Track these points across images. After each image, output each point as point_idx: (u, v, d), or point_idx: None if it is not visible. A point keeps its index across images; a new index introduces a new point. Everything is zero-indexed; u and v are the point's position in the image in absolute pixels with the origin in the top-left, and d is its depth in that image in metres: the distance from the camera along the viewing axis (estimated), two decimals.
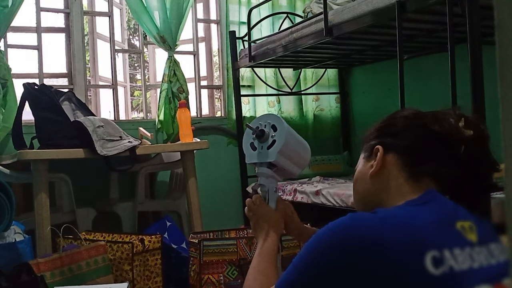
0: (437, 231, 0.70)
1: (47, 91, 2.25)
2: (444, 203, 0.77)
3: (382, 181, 0.85)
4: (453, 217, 0.74)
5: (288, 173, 1.18)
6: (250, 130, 1.15)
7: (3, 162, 2.28)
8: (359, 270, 0.67)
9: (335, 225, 0.73)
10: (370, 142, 0.91)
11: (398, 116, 0.89)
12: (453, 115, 0.84)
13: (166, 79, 3.01)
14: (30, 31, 2.83)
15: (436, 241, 0.68)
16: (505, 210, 0.35)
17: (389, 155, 0.85)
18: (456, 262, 0.67)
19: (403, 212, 0.75)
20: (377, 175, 0.86)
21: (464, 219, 0.74)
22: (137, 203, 2.62)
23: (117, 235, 2.17)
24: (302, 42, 2.57)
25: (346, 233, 0.71)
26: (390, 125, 0.89)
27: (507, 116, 0.34)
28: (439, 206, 0.76)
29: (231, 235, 2.07)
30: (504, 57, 0.34)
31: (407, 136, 0.85)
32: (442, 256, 0.66)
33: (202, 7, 3.50)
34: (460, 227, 0.72)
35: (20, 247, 1.85)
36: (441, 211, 0.74)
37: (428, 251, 0.66)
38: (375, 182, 0.86)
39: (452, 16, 1.72)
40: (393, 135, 0.87)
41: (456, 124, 0.81)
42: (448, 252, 0.67)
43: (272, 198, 1.15)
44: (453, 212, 0.75)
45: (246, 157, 1.17)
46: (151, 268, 2.04)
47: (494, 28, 0.35)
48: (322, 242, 0.73)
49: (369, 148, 0.90)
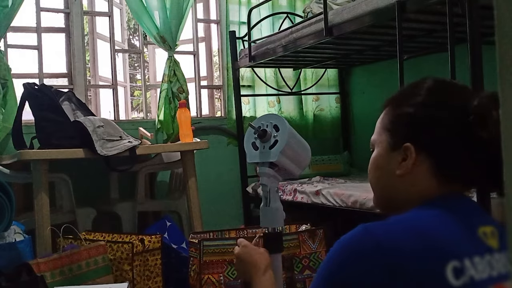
0: (458, 238, 0.68)
1: (47, 91, 2.25)
2: (467, 207, 0.74)
3: (411, 181, 0.78)
4: (475, 222, 0.71)
5: (289, 173, 1.18)
6: (252, 130, 1.15)
7: (3, 162, 2.28)
8: (379, 284, 0.64)
9: (349, 239, 0.69)
10: (399, 129, 0.80)
11: (436, 101, 0.78)
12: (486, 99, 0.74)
13: (166, 79, 3.01)
14: (30, 31, 2.83)
15: (457, 249, 0.66)
16: (505, 210, 0.35)
17: (422, 155, 0.76)
18: (476, 271, 0.65)
19: (423, 218, 0.70)
20: (406, 175, 0.78)
21: (486, 224, 0.72)
22: (137, 203, 2.62)
23: (117, 235, 2.17)
24: (302, 42, 2.57)
25: (362, 247, 0.66)
26: (426, 116, 0.77)
27: (507, 116, 0.34)
28: (462, 211, 0.72)
29: (231, 235, 2.06)
30: (504, 57, 0.34)
31: (445, 132, 0.75)
32: (463, 266, 0.64)
33: (202, 7, 3.50)
34: (481, 233, 0.70)
35: (20, 247, 1.85)
36: (463, 217, 0.71)
37: (449, 262, 0.64)
38: (403, 181, 0.78)
39: (452, 16, 1.72)
40: (428, 131, 0.76)
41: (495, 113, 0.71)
42: (468, 261, 0.65)
43: (274, 198, 1.15)
44: (475, 217, 0.73)
45: (247, 157, 1.17)
46: (151, 268, 2.04)
47: (494, 28, 0.35)
48: (338, 259, 0.68)
49: (397, 141, 0.79)
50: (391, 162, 0.79)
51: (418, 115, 0.78)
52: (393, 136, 0.80)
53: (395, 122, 0.81)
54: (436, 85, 0.80)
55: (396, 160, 0.79)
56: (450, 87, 0.82)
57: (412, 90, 0.82)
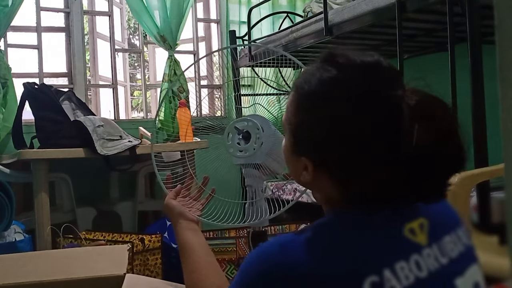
0: (376, 248, 0.61)
1: (47, 90, 2.25)
2: (389, 209, 0.65)
3: (318, 188, 0.72)
4: (401, 221, 0.64)
5: (273, 172, 1.18)
6: (236, 131, 1.16)
7: (4, 162, 2.28)
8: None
9: (263, 253, 0.63)
10: (297, 134, 0.71)
11: (331, 115, 0.64)
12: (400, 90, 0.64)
13: (166, 78, 3.01)
14: (30, 31, 2.83)
15: (376, 261, 0.60)
16: (505, 210, 0.36)
17: (321, 170, 0.68)
18: (398, 281, 0.59)
19: (341, 232, 0.63)
20: (311, 183, 0.71)
21: (413, 219, 0.65)
22: (137, 203, 2.62)
23: (117, 235, 2.17)
24: (302, 42, 2.57)
25: (274, 266, 0.60)
26: (319, 131, 0.66)
27: (507, 116, 0.34)
28: (381, 215, 0.64)
29: (230, 234, 2.07)
30: (504, 56, 0.34)
31: (340, 145, 0.64)
32: (381, 279, 0.58)
33: (202, 6, 3.50)
34: (408, 231, 0.64)
35: (20, 246, 1.85)
36: (384, 220, 0.64)
37: (367, 278, 0.58)
38: (311, 186, 0.73)
39: (452, 15, 1.72)
40: (319, 146, 0.66)
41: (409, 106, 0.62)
42: (388, 271, 0.59)
43: (260, 198, 1.15)
44: (400, 216, 0.65)
45: (233, 159, 1.17)
46: (151, 268, 2.04)
47: (494, 27, 0.35)
48: (250, 273, 0.62)
49: (296, 149, 0.72)
50: (296, 165, 0.72)
51: (310, 128, 0.67)
52: (294, 141, 0.72)
53: (294, 125, 0.71)
54: (334, 79, 0.66)
55: (299, 166, 0.71)
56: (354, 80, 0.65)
57: (317, 84, 0.67)
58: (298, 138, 0.71)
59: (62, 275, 1.09)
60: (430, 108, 0.63)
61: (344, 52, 0.67)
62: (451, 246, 0.67)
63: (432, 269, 0.63)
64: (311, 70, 0.70)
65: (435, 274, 0.62)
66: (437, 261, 0.64)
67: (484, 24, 1.63)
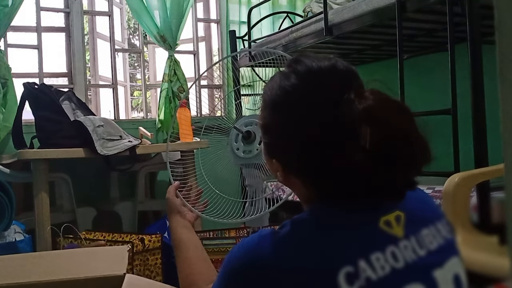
0: (353, 239, 0.63)
1: (47, 90, 2.25)
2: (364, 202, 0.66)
3: (292, 187, 0.76)
4: (375, 215, 0.66)
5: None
6: (236, 132, 1.16)
7: (4, 162, 2.28)
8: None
9: (243, 244, 0.67)
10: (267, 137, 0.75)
11: (297, 117, 0.68)
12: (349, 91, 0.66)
13: (166, 78, 3.01)
14: (30, 31, 2.83)
15: (351, 252, 0.61)
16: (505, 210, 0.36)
17: (290, 172, 0.73)
18: (374, 271, 0.61)
19: (316, 225, 0.65)
20: (285, 183, 0.75)
21: (388, 212, 0.66)
22: (137, 203, 2.62)
23: (117, 235, 2.17)
24: (302, 42, 2.57)
25: (252, 257, 0.63)
26: (276, 129, 0.71)
27: (507, 116, 0.34)
28: (358, 210, 0.66)
29: (230, 234, 2.07)
30: (504, 56, 0.34)
31: (299, 148, 0.68)
32: (357, 269, 0.60)
33: (202, 6, 3.50)
34: (383, 224, 0.65)
35: (20, 246, 1.85)
36: (359, 215, 0.66)
37: (341, 269, 0.60)
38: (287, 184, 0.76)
39: (452, 15, 1.72)
40: (283, 149, 0.71)
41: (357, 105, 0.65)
42: (363, 261, 0.61)
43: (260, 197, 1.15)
44: (375, 210, 0.66)
45: (232, 159, 1.18)
46: (151, 268, 2.04)
47: (494, 27, 0.35)
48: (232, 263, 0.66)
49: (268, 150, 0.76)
50: (271, 167, 0.77)
51: (277, 134, 0.72)
52: (265, 144, 0.76)
53: (263, 129, 0.75)
54: (296, 92, 0.69)
55: (273, 167, 0.76)
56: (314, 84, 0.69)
57: (276, 92, 0.72)
58: (267, 141, 0.75)
59: (61, 275, 1.09)
60: (381, 110, 0.64)
61: (304, 59, 0.71)
62: (429, 238, 0.68)
63: (409, 260, 0.64)
64: (275, 76, 0.74)
65: (412, 265, 0.64)
66: (415, 252, 0.65)
67: (484, 24, 1.64)
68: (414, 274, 0.63)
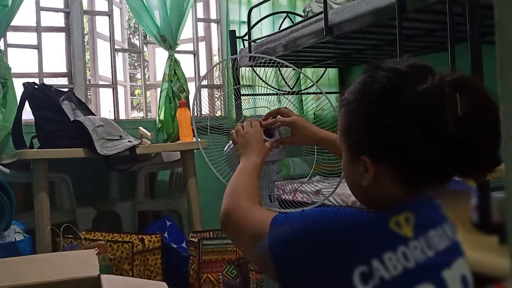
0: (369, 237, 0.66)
1: (47, 90, 2.25)
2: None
3: (379, 191, 0.75)
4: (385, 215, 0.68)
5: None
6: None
7: (3, 162, 2.28)
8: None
9: (324, 213, 0.72)
10: (353, 138, 0.77)
11: (385, 107, 0.71)
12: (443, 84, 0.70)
13: (166, 78, 3.01)
14: (30, 31, 2.83)
15: (366, 252, 0.64)
16: (505, 210, 0.35)
17: (381, 166, 0.72)
18: (387, 270, 0.63)
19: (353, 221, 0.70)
20: (372, 186, 0.74)
21: (399, 213, 0.69)
22: (137, 203, 2.62)
23: (117, 235, 2.17)
24: (302, 42, 2.57)
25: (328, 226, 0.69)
26: (377, 126, 0.71)
27: (507, 116, 0.34)
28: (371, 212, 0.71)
29: None
30: (504, 57, 0.34)
31: (401, 139, 0.69)
32: (371, 269, 0.63)
33: (202, 6, 3.50)
34: (393, 224, 0.67)
35: (20, 246, 1.85)
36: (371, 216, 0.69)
37: (356, 268, 0.63)
38: (371, 192, 0.75)
39: (452, 15, 1.72)
40: (381, 142, 0.71)
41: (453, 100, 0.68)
42: (377, 261, 0.63)
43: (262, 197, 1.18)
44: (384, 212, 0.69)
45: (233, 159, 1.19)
46: (151, 268, 2.04)
47: (494, 27, 0.35)
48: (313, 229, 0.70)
49: (354, 151, 0.76)
50: (355, 172, 0.76)
51: (368, 125, 0.73)
52: (350, 146, 0.77)
53: (349, 130, 0.78)
54: (385, 84, 0.72)
55: (359, 171, 0.75)
56: (403, 80, 0.72)
57: (362, 91, 0.76)
58: (355, 141, 0.76)
59: (34, 278, 1.08)
60: (471, 80, 0.70)
61: (382, 62, 0.76)
62: (437, 240, 0.69)
63: (420, 260, 0.65)
64: (359, 80, 0.78)
65: (423, 266, 0.65)
66: (424, 253, 0.66)
67: (484, 24, 1.63)
68: (425, 274, 0.65)
